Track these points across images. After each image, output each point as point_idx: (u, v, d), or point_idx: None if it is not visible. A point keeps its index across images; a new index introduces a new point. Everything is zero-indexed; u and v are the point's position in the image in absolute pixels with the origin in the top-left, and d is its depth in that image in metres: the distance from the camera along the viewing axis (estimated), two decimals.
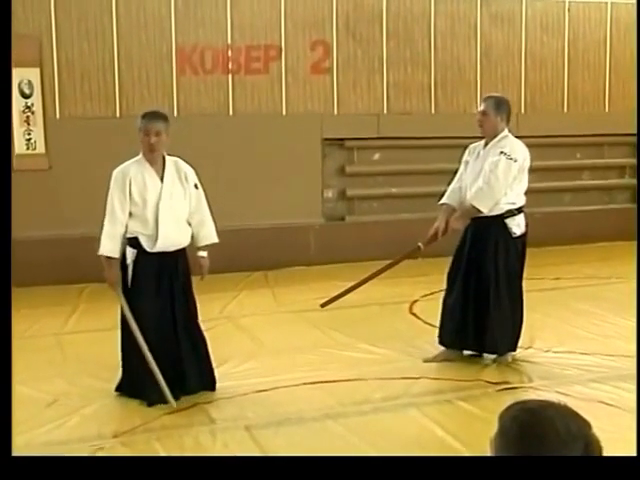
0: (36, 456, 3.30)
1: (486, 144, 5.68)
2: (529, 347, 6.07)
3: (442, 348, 5.85)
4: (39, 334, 6.69)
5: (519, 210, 5.62)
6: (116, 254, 4.92)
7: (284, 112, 9.18)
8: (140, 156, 5.02)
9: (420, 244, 5.79)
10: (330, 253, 9.15)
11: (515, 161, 5.49)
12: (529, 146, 10.68)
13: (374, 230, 9.44)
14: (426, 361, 5.77)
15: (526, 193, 5.71)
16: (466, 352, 5.84)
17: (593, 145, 10.52)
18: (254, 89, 9.03)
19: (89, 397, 5.16)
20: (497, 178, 5.45)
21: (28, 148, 8.29)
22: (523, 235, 5.65)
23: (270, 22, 9.00)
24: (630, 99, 10.12)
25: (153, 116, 5.00)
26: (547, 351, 6.00)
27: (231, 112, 9.00)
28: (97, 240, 4.98)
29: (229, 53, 8.90)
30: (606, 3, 10.25)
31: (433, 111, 9.69)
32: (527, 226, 5.67)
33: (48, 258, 8.24)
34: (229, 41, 8.88)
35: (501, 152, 5.49)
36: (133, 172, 4.95)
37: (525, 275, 6.15)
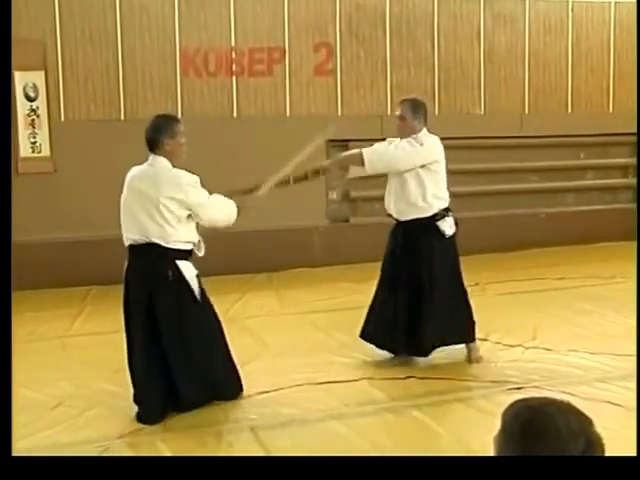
0: (40, 456, 3.31)
1: None
2: (533, 346, 6.08)
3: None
4: (44, 337, 6.70)
5: (447, 210, 5.68)
6: None
7: (288, 114, 9.19)
8: (165, 160, 4.85)
9: (290, 178, 5.74)
10: (334, 254, 9.16)
11: (421, 145, 5.54)
12: (533, 146, 10.71)
13: (378, 231, 9.38)
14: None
15: (528, 193, 5.78)
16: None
17: (597, 145, 10.50)
18: (258, 91, 9.05)
19: (94, 399, 5.18)
20: (396, 148, 5.53)
21: (33, 151, 8.31)
22: (454, 235, 5.71)
23: (273, 24, 9.02)
24: (633, 99, 10.11)
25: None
26: (551, 351, 6.00)
27: (235, 114, 9.02)
28: (102, 243, 5.00)
29: (233, 55, 8.91)
30: (609, 3, 10.25)
31: (436, 112, 9.69)
32: (457, 225, 5.72)
33: (53, 261, 8.26)
34: (233, 43, 8.90)
35: (412, 137, 5.57)
36: None
37: (528, 275, 6.17)
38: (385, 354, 5.92)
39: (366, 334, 5.88)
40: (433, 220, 5.61)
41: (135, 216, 4.84)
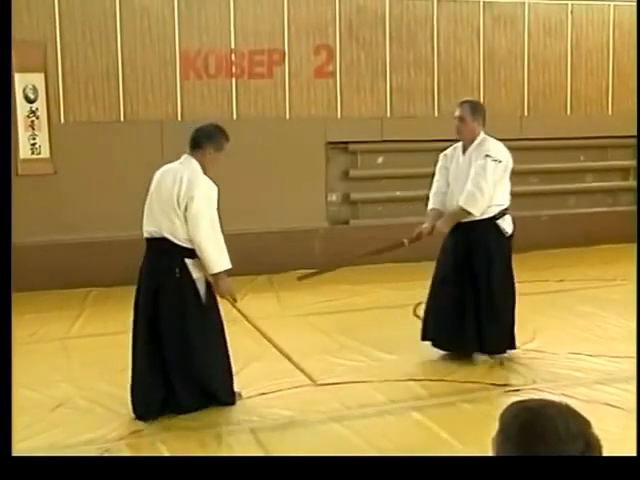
0: (40, 456, 3.31)
1: (464, 148, 5.73)
2: (533, 349, 6.08)
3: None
4: (45, 339, 6.70)
5: (506, 209, 5.75)
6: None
7: (288, 116, 9.19)
8: (199, 167, 4.93)
9: (405, 240, 5.85)
10: (334, 257, 9.14)
11: (500, 162, 5.60)
12: (532, 149, 10.70)
13: (378, 233, 9.42)
14: None
15: (529, 195, 5.82)
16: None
17: (596, 147, 10.50)
18: (258, 93, 9.05)
19: (94, 401, 5.18)
20: (486, 181, 5.53)
21: (33, 153, 8.31)
22: (512, 234, 5.80)
23: (273, 26, 9.02)
24: (633, 101, 10.12)
25: None
26: (551, 353, 6.00)
27: (235, 116, 9.01)
28: (102, 244, 5.00)
29: (233, 57, 8.91)
30: (609, 5, 10.25)
31: (436, 114, 9.70)
32: (514, 224, 5.81)
33: (53, 262, 8.25)
34: (233, 45, 8.90)
35: (486, 155, 5.57)
36: None
37: (529, 277, 6.15)
38: (386, 355, 5.93)
39: (431, 335, 5.89)
40: (494, 220, 5.66)
41: (152, 209, 4.96)
